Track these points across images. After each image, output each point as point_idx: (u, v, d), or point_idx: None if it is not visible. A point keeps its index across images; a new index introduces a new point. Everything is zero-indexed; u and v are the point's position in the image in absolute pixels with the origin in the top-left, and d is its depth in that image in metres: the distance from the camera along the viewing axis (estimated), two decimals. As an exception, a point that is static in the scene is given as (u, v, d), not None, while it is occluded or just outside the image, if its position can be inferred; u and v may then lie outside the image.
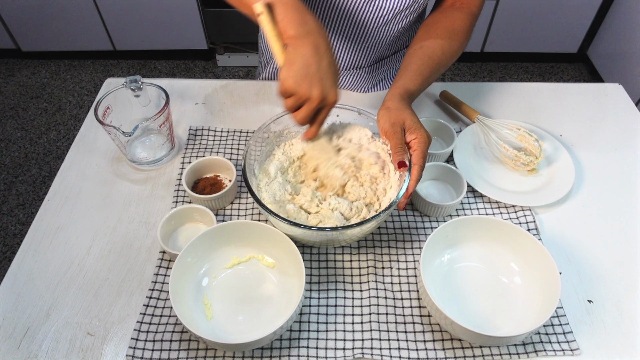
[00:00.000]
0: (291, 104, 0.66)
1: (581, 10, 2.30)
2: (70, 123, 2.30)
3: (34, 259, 0.75)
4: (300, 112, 0.67)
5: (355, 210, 0.72)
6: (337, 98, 0.67)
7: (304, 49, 0.63)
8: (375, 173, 0.75)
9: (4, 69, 2.58)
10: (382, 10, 0.85)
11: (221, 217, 0.81)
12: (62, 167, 0.89)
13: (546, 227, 0.81)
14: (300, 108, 0.67)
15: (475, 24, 0.86)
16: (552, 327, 0.68)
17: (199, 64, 2.63)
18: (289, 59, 0.64)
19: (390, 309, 0.70)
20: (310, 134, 0.72)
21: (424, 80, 0.79)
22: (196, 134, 0.94)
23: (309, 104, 0.66)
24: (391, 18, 0.88)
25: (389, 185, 0.75)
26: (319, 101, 0.65)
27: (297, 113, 0.67)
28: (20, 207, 1.95)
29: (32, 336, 0.67)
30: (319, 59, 0.63)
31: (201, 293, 0.69)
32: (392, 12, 0.86)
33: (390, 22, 0.89)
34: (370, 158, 0.76)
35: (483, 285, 0.71)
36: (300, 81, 0.63)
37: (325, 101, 0.66)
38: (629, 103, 1.03)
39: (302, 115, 0.67)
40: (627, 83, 2.12)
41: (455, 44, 0.83)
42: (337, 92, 0.67)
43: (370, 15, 0.86)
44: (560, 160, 0.89)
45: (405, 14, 0.88)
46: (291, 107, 0.67)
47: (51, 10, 2.34)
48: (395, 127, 0.71)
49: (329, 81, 0.65)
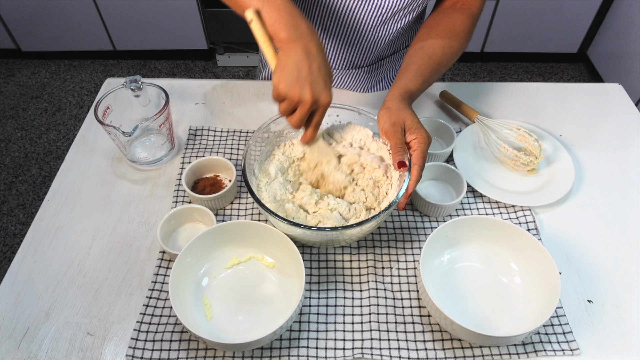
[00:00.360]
0: (285, 107, 0.67)
1: (581, 10, 2.30)
2: (70, 123, 2.30)
3: (34, 259, 0.75)
4: (294, 115, 0.67)
5: (354, 212, 0.72)
6: (329, 99, 0.67)
7: (295, 52, 0.64)
8: (378, 177, 0.75)
9: (4, 69, 2.58)
10: (381, 9, 0.85)
11: (221, 217, 0.81)
12: (62, 167, 0.89)
13: (546, 227, 0.81)
14: (294, 112, 0.67)
15: (475, 24, 0.86)
16: (552, 327, 0.68)
17: (199, 64, 2.63)
18: (281, 63, 0.65)
19: (390, 309, 0.70)
20: (306, 138, 0.73)
21: (424, 80, 0.79)
22: (196, 134, 0.94)
23: (301, 106, 0.66)
24: (389, 17, 0.88)
25: (391, 188, 0.75)
26: (311, 103, 0.65)
27: (291, 117, 0.68)
28: (20, 207, 1.95)
29: (32, 336, 0.67)
30: (309, 62, 0.64)
31: (201, 293, 0.69)
32: (391, 11, 0.86)
33: (388, 22, 0.89)
34: (373, 162, 0.76)
35: (483, 285, 0.71)
36: (291, 85, 0.64)
37: (317, 103, 0.66)
38: (629, 103, 1.03)
39: (296, 119, 0.67)
40: (627, 83, 2.12)
41: (456, 45, 0.83)
42: (330, 94, 0.67)
43: (368, 14, 0.86)
44: (560, 160, 0.89)
45: (403, 13, 0.88)
46: (285, 111, 0.67)
47: (51, 10, 2.34)
48: (396, 127, 0.71)
49: (320, 83, 0.65)
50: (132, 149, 0.89)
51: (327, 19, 0.90)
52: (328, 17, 0.90)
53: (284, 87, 0.64)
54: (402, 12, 0.88)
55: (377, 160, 0.76)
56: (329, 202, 0.73)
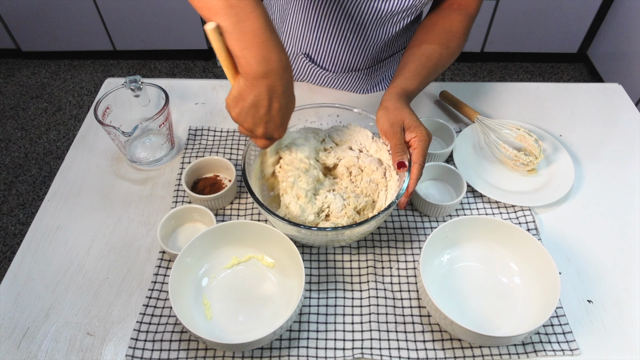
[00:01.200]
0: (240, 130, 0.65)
1: (581, 10, 2.30)
2: (70, 123, 2.30)
3: (34, 259, 0.75)
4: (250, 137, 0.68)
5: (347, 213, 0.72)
6: (282, 136, 0.66)
7: (258, 89, 0.57)
8: (377, 179, 0.75)
9: (4, 69, 2.58)
10: (380, 12, 0.86)
11: (221, 217, 0.81)
12: (62, 167, 0.89)
13: (546, 227, 0.81)
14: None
15: (472, 24, 0.86)
16: (551, 327, 0.68)
17: (199, 64, 2.63)
18: (240, 92, 0.59)
19: (390, 309, 0.70)
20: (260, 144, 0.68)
21: (421, 80, 0.79)
22: (196, 134, 0.94)
23: (252, 137, 0.66)
24: (388, 19, 0.88)
25: (386, 190, 0.75)
26: (262, 138, 0.65)
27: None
28: (20, 207, 1.95)
29: (31, 336, 0.67)
30: (270, 102, 0.59)
31: (201, 293, 0.69)
32: (389, 13, 0.86)
33: (386, 23, 0.89)
34: (371, 165, 0.76)
35: (483, 285, 0.71)
36: (244, 119, 0.61)
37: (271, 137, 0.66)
38: (629, 103, 1.03)
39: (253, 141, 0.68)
40: (627, 83, 2.12)
41: (453, 45, 0.83)
42: (283, 131, 0.66)
43: (367, 15, 0.86)
44: (560, 160, 0.89)
45: (402, 16, 0.88)
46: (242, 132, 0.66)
47: (51, 10, 2.34)
48: (395, 127, 0.71)
49: (275, 124, 0.63)
50: (132, 149, 0.89)
51: (325, 18, 0.91)
52: (326, 16, 0.90)
53: (237, 117, 0.61)
54: (401, 15, 0.88)
55: (375, 162, 0.76)
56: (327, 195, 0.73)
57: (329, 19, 0.90)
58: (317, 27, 0.92)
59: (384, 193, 0.75)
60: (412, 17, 0.90)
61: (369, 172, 0.76)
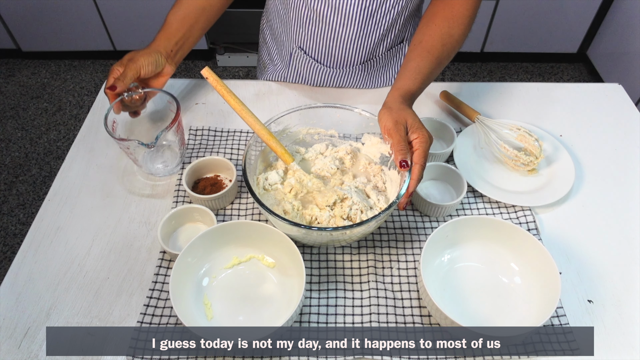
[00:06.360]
0: None
1: (581, 10, 2.30)
2: (70, 123, 2.30)
3: (34, 259, 0.75)
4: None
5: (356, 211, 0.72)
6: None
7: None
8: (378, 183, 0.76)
9: (4, 69, 2.58)
10: (363, 2, 0.86)
11: (221, 217, 0.81)
12: (62, 167, 0.89)
13: (546, 227, 0.81)
14: None
15: (477, 7, 0.84)
16: (552, 327, 0.68)
17: (199, 64, 2.63)
18: None
19: (391, 309, 0.70)
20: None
21: (424, 78, 0.79)
22: (196, 134, 0.94)
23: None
24: (376, 9, 0.88)
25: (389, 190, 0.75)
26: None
27: None
28: (21, 207, 1.95)
29: (32, 336, 0.67)
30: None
31: (201, 293, 0.69)
32: (375, 2, 0.86)
33: (375, 14, 0.89)
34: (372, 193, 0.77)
35: (483, 285, 0.71)
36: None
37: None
38: (629, 103, 1.03)
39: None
40: (627, 83, 2.11)
41: (457, 32, 0.81)
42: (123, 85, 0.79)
43: (352, 7, 0.87)
44: (560, 160, 0.89)
45: (390, 4, 0.88)
46: None
47: (51, 10, 2.34)
48: (399, 125, 0.71)
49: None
50: (149, 161, 0.86)
51: (312, 15, 0.91)
52: (313, 14, 0.91)
53: None
54: (387, 5, 0.87)
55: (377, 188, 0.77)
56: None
57: (316, 13, 0.91)
58: (308, 22, 0.94)
59: (383, 193, 0.75)
60: (403, 3, 0.90)
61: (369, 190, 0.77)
